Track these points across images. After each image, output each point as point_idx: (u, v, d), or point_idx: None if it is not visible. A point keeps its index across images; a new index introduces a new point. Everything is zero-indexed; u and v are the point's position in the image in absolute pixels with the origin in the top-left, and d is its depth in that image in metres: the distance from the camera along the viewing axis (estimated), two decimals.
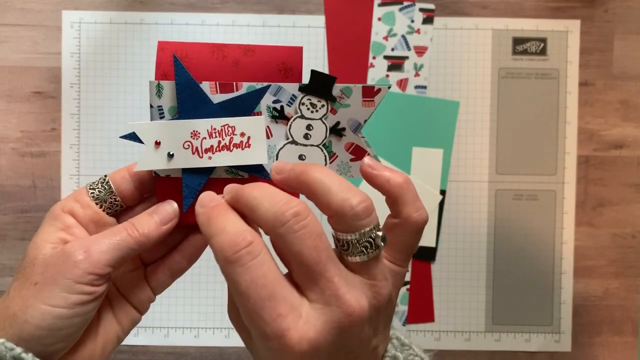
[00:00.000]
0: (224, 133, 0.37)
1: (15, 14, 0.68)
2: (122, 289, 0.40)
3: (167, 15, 0.68)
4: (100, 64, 0.68)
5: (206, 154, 0.37)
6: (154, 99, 0.38)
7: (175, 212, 0.37)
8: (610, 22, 0.70)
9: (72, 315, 0.34)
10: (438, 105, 0.69)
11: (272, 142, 0.38)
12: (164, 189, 0.38)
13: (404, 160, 0.69)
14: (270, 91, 0.38)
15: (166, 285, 0.41)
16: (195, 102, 0.37)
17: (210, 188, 0.38)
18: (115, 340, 0.39)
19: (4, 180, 0.68)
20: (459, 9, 0.70)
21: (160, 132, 0.37)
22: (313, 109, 0.38)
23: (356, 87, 0.38)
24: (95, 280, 0.34)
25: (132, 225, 0.36)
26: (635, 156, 0.70)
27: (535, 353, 0.69)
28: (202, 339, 0.68)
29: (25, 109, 0.68)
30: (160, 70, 0.38)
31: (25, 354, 0.32)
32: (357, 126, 0.38)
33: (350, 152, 0.39)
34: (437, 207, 0.69)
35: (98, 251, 0.34)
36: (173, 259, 0.40)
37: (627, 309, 0.70)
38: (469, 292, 0.69)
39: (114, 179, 0.38)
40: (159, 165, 0.37)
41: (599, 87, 0.70)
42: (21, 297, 0.34)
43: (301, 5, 0.69)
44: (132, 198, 0.39)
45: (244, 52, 0.38)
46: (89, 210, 0.37)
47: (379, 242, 0.31)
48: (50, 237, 0.36)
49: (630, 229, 0.70)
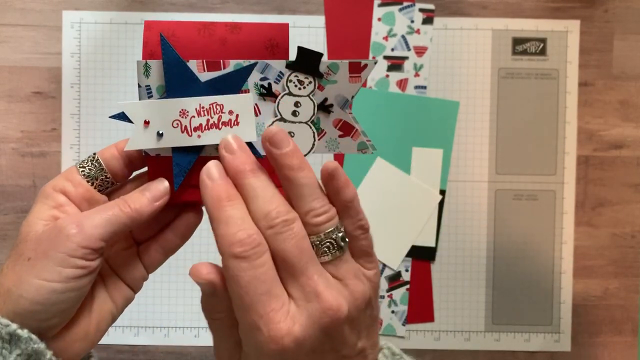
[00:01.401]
0: (213, 111, 0.37)
1: (15, 14, 0.68)
2: (115, 267, 0.40)
3: (167, 16, 0.68)
4: (100, 64, 0.68)
5: (195, 132, 0.37)
6: (141, 78, 0.38)
7: (167, 190, 0.38)
8: (610, 22, 0.70)
9: (66, 289, 0.34)
10: (438, 105, 0.69)
11: (261, 119, 0.38)
12: (154, 168, 0.38)
13: (404, 160, 0.69)
14: (257, 69, 0.38)
15: (159, 263, 0.41)
16: (183, 81, 0.37)
17: (201, 166, 0.38)
18: (109, 318, 0.39)
19: (5, 180, 0.68)
20: (458, 9, 0.70)
21: (148, 112, 0.37)
22: (300, 86, 0.38)
23: (343, 62, 0.38)
24: (88, 254, 0.35)
25: (123, 201, 0.36)
26: (634, 156, 0.70)
27: (535, 353, 0.70)
28: (203, 338, 0.68)
29: (26, 109, 0.68)
30: (148, 50, 0.38)
31: (20, 330, 0.33)
32: (345, 102, 0.38)
33: (338, 128, 0.39)
34: (437, 207, 0.69)
35: (91, 225, 0.35)
36: (166, 237, 0.40)
37: (627, 309, 0.70)
38: (468, 292, 0.69)
39: (103, 157, 0.38)
40: (148, 145, 0.37)
41: (599, 87, 0.70)
42: (14, 273, 0.34)
43: (301, 5, 0.69)
44: (122, 175, 0.39)
45: (231, 30, 0.38)
46: (81, 188, 0.37)
47: (340, 242, 0.34)
48: (42, 215, 0.36)
49: (629, 228, 0.70)
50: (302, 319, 0.32)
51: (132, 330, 0.68)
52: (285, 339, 0.31)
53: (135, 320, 0.68)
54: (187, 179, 0.38)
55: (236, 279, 0.32)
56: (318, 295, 0.32)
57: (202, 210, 0.41)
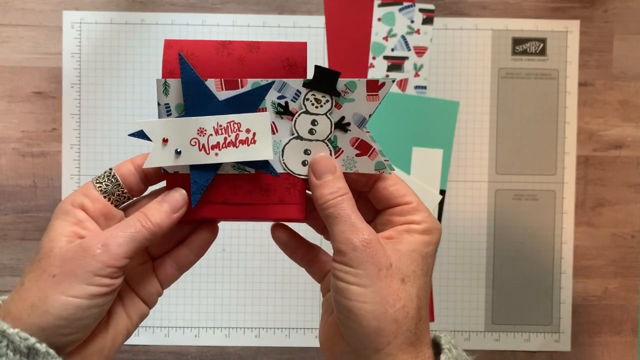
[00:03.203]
0: (230, 129, 0.38)
1: (16, 14, 0.68)
2: (131, 283, 0.40)
3: (168, 16, 0.68)
4: (100, 64, 0.69)
5: (213, 150, 0.38)
6: (161, 96, 0.38)
7: (185, 199, 0.38)
8: (610, 23, 0.70)
9: (90, 306, 0.35)
10: (438, 105, 0.69)
11: (278, 137, 0.39)
12: (172, 185, 0.39)
13: (404, 160, 0.69)
14: (274, 87, 0.38)
15: (174, 279, 0.41)
16: (202, 100, 0.38)
17: (218, 184, 0.38)
18: (125, 333, 0.40)
19: (5, 180, 0.68)
20: (458, 10, 0.70)
21: (167, 130, 0.38)
22: (317, 104, 0.38)
23: (360, 81, 0.38)
24: (114, 273, 0.35)
25: (144, 215, 0.37)
26: (634, 156, 0.70)
27: (535, 353, 0.70)
28: (203, 338, 0.68)
29: (26, 109, 0.68)
30: (167, 68, 0.38)
31: (39, 344, 0.33)
32: (362, 121, 0.39)
33: (355, 147, 0.39)
34: (437, 207, 0.69)
35: (115, 244, 0.35)
36: (181, 253, 0.41)
37: (627, 308, 0.70)
38: (468, 292, 0.70)
39: (120, 172, 0.39)
40: (166, 162, 0.38)
41: (599, 87, 0.70)
42: (39, 289, 0.35)
43: (301, 5, 0.69)
44: (138, 190, 0.39)
45: (249, 49, 0.39)
46: (99, 204, 0.38)
47: None
48: (64, 231, 0.36)
49: (629, 228, 0.70)
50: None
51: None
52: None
53: None
54: (205, 196, 0.39)
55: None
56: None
57: (217, 227, 0.41)
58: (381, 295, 0.35)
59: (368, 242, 0.35)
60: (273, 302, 0.69)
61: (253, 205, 0.39)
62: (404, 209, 0.38)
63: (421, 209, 0.38)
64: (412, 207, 0.38)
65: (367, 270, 0.35)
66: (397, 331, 0.35)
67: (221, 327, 0.69)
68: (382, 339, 0.35)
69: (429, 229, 0.38)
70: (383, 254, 0.35)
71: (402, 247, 0.37)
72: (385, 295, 0.35)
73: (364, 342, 0.35)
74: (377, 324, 0.35)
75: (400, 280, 0.36)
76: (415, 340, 0.36)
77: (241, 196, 0.39)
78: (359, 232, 0.36)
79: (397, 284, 0.35)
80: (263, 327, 0.69)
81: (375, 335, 0.35)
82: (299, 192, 0.39)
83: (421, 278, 0.37)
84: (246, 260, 0.69)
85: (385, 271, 0.35)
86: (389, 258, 0.36)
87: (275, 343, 0.69)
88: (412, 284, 0.36)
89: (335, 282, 0.36)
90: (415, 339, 0.36)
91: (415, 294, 0.36)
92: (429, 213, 0.38)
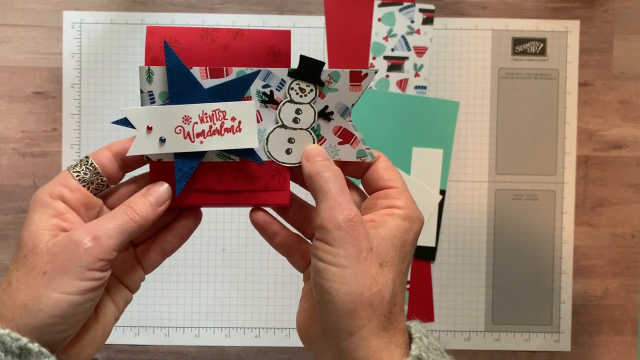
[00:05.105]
0: (215, 118, 0.38)
1: (16, 14, 0.68)
2: (115, 271, 0.40)
3: (168, 16, 0.69)
4: (101, 64, 0.69)
5: (198, 138, 0.38)
6: (144, 84, 0.38)
7: (169, 193, 0.38)
8: (610, 23, 0.70)
9: (83, 301, 0.34)
10: (438, 105, 0.69)
11: (262, 126, 0.39)
12: (156, 173, 0.39)
13: (404, 160, 0.69)
14: (259, 76, 0.38)
15: (157, 264, 0.41)
16: (186, 88, 0.38)
17: (202, 172, 0.38)
18: (113, 320, 0.40)
19: (5, 180, 0.68)
20: (458, 10, 0.70)
21: (151, 117, 0.38)
22: (302, 94, 0.39)
23: (344, 71, 0.39)
24: (104, 266, 0.35)
25: (130, 208, 0.36)
26: (634, 156, 0.70)
27: (535, 353, 0.70)
28: (203, 338, 0.68)
29: (26, 109, 0.68)
30: (150, 56, 0.38)
31: (31, 344, 0.33)
32: (345, 110, 0.39)
33: (338, 135, 0.39)
34: (437, 207, 0.69)
35: (105, 237, 0.35)
36: (165, 239, 0.41)
37: (627, 308, 0.70)
38: (468, 291, 0.70)
39: (98, 160, 0.38)
40: (151, 150, 0.38)
41: (599, 88, 0.70)
42: (29, 287, 0.34)
43: (301, 5, 0.69)
44: (117, 178, 0.39)
45: (233, 36, 0.39)
46: (78, 194, 0.37)
47: None
48: (45, 224, 0.35)
49: (629, 228, 0.70)
50: None
51: (132, 330, 0.68)
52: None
53: (136, 320, 0.68)
54: (190, 183, 0.39)
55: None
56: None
57: (201, 212, 0.41)
58: (359, 278, 0.35)
59: (353, 222, 0.35)
60: (273, 302, 0.69)
61: (238, 193, 0.39)
62: (389, 192, 0.39)
63: (405, 196, 0.38)
64: (397, 192, 0.38)
65: (347, 250, 0.35)
66: (372, 315, 0.35)
67: (221, 327, 0.69)
68: (356, 322, 0.35)
69: (410, 216, 0.38)
70: (365, 237, 0.35)
71: (383, 231, 0.37)
72: (363, 279, 0.35)
73: (338, 325, 0.35)
74: (352, 306, 0.35)
75: (378, 265, 0.35)
76: (389, 325, 0.36)
77: (226, 183, 0.39)
78: (345, 211, 0.36)
79: (376, 268, 0.35)
80: (263, 327, 0.69)
81: (350, 318, 0.35)
82: (283, 179, 0.40)
83: (399, 264, 0.37)
84: (246, 260, 0.69)
85: (365, 254, 0.35)
86: (371, 242, 0.36)
87: (275, 343, 0.69)
88: (389, 269, 0.36)
89: (315, 261, 0.36)
90: (389, 324, 0.36)
91: (391, 279, 0.36)
92: (412, 202, 0.38)
